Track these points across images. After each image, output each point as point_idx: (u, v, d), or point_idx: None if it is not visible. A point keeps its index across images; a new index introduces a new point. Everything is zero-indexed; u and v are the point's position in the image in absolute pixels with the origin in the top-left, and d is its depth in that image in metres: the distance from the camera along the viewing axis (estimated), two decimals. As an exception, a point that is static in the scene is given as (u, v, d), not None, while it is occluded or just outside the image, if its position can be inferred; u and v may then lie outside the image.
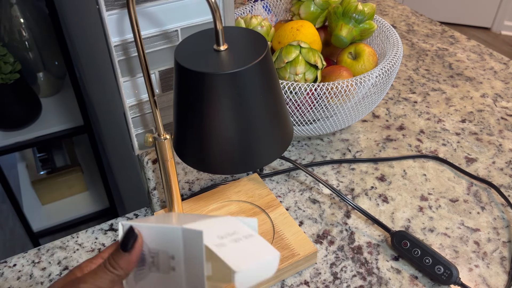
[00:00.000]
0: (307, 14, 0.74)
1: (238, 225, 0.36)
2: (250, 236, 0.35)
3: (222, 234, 0.33)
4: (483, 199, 0.67)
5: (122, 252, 0.31)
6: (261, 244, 0.34)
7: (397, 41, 0.72)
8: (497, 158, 0.74)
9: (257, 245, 0.34)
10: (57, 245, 0.61)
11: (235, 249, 0.32)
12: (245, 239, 0.34)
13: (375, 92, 0.67)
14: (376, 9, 0.72)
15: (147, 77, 0.46)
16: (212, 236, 0.32)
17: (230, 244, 0.32)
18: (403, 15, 1.19)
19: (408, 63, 0.99)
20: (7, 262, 0.59)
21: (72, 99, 1.14)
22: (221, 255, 0.30)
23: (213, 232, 0.33)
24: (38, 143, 1.07)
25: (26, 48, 1.08)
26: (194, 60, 0.40)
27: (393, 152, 0.75)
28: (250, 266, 0.30)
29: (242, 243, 0.33)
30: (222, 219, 0.36)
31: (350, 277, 0.56)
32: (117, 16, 0.48)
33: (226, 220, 0.36)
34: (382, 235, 0.61)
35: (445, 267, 0.54)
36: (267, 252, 0.33)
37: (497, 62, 0.99)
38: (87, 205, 1.30)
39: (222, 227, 0.34)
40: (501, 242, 0.60)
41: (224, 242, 0.32)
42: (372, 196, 0.67)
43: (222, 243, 0.32)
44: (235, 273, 0.29)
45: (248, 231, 0.36)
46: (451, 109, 0.85)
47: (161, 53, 0.53)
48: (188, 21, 0.53)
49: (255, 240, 0.34)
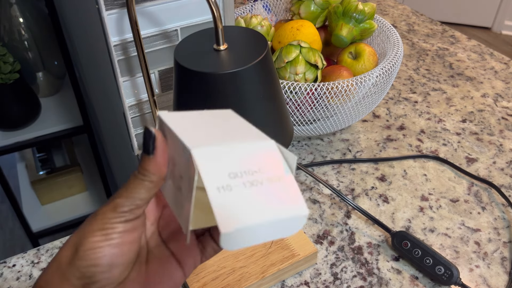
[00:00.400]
0: (307, 13, 0.74)
1: (268, 160, 0.27)
2: (277, 179, 0.27)
3: (238, 171, 0.26)
4: (483, 199, 0.66)
5: (147, 156, 0.27)
6: (285, 194, 0.26)
7: (398, 41, 0.71)
8: (498, 158, 0.74)
9: (279, 194, 0.26)
10: (56, 245, 0.61)
11: (241, 198, 0.25)
12: (267, 183, 0.26)
13: (375, 92, 0.67)
14: (376, 9, 0.71)
15: (147, 76, 0.46)
16: (220, 173, 0.25)
17: (239, 189, 0.25)
18: (403, 15, 1.19)
19: (409, 63, 0.98)
20: (6, 263, 0.58)
21: (71, 99, 1.13)
22: (213, 204, 0.24)
23: (227, 166, 0.26)
24: (37, 143, 1.07)
25: (26, 48, 1.08)
26: (194, 59, 0.40)
27: (394, 152, 0.75)
28: (245, 226, 0.24)
29: (259, 188, 0.26)
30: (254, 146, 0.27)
31: (351, 278, 0.56)
32: (116, 15, 0.48)
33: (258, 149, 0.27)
34: (383, 236, 0.61)
35: (446, 268, 0.54)
36: (288, 208, 0.25)
37: (497, 62, 0.99)
38: (87, 205, 1.30)
39: (245, 160, 0.26)
40: (501, 242, 0.60)
41: (233, 184, 0.25)
42: (372, 196, 0.67)
43: (229, 185, 0.25)
44: (220, 234, 0.24)
45: (278, 171, 0.27)
46: (451, 109, 0.85)
47: (161, 52, 0.53)
48: (188, 20, 0.53)
49: (280, 187, 0.26)
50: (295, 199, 0.26)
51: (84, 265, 0.26)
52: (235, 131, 0.29)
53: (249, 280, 0.52)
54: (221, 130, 0.29)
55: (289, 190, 0.26)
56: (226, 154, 0.26)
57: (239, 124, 0.31)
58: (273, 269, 0.53)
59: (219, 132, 0.29)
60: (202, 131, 0.28)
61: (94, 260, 0.26)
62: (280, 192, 0.26)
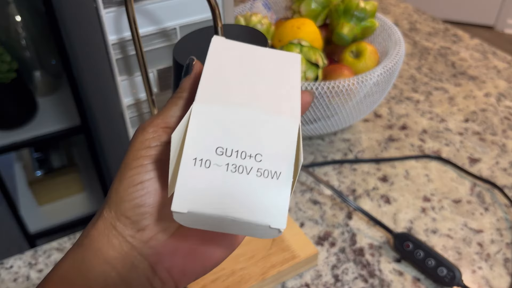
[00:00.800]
0: (308, 12, 0.73)
1: (276, 148, 0.22)
2: (270, 175, 0.21)
3: (231, 148, 0.21)
4: (486, 200, 0.66)
5: (184, 78, 0.27)
6: (268, 198, 0.21)
7: (399, 40, 0.71)
8: (501, 158, 0.73)
9: (261, 195, 0.21)
10: (54, 246, 0.60)
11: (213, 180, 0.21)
12: (255, 177, 0.21)
13: (377, 91, 0.66)
14: (378, 7, 0.71)
15: (145, 76, 0.45)
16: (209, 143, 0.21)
17: (217, 171, 0.21)
18: (405, 13, 1.18)
19: (411, 62, 0.98)
20: (3, 264, 0.58)
21: (69, 99, 1.13)
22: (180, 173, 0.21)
23: (222, 138, 0.22)
24: (34, 143, 1.06)
25: (23, 47, 1.07)
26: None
27: (395, 152, 0.74)
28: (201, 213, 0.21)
29: (242, 178, 0.21)
30: (271, 122, 0.22)
31: (352, 279, 0.55)
32: (114, 14, 0.47)
33: (274, 128, 0.22)
34: (384, 237, 0.60)
35: (448, 269, 0.53)
36: (262, 215, 0.21)
37: (500, 61, 0.98)
38: (84, 206, 1.29)
39: (249, 136, 0.22)
40: (504, 243, 0.60)
41: (215, 162, 0.21)
42: (374, 197, 0.66)
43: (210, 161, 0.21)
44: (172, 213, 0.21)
45: (278, 167, 0.22)
46: (454, 108, 0.84)
47: (160, 51, 0.52)
48: (187, 19, 0.52)
49: (269, 186, 0.21)
50: (278, 207, 0.21)
51: (128, 207, 0.24)
52: (269, 92, 0.24)
53: (249, 282, 0.51)
54: (256, 84, 0.25)
55: (277, 194, 0.21)
56: (230, 122, 0.22)
57: (284, 82, 0.25)
58: (273, 271, 0.53)
59: (251, 87, 0.24)
60: (232, 80, 0.24)
61: (137, 199, 0.24)
62: (264, 193, 0.21)
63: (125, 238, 0.24)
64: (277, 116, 0.23)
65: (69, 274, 0.24)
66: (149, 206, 0.24)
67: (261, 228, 0.21)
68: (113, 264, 0.24)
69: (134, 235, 0.24)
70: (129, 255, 0.24)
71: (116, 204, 0.24)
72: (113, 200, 0.24)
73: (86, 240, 0.24)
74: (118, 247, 0.24)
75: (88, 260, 0.24)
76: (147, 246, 0.24)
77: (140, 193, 0.24)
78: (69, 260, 0.24)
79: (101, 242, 0.24)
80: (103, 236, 0.24)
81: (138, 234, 0.24)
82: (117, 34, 0.49)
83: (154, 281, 0.25)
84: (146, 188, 0.24)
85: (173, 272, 0.25)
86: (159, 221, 0.24)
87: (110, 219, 0.24)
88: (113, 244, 0.24)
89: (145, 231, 0.24)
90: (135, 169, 0.24)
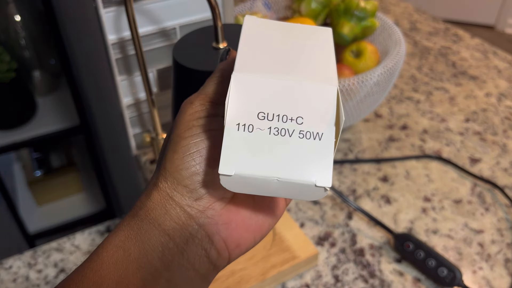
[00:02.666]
0: (308, 11, 0.73)
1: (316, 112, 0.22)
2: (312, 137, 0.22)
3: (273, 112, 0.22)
4: (487, 200, 0.66)
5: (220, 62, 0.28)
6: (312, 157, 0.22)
7: (400, 39, 0.71)
8: (501, 158, 0.73)
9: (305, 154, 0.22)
10: (53, 246, 0.60)
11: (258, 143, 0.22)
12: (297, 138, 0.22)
13: (377, 91, 0.66)
14: (378, 7, 0.70)
15: (145, 75, 0.45)
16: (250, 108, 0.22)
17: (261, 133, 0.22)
18: (405, 13, 1.18)
19: (411, 62, 0.98)
20: (2, 264, 0.58)
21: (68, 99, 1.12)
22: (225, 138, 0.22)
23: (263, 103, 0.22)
24: (34, 143, 1.06)
25: (22, 47, 1.07)
26: (192, 58, 0.39)
27: (396, 152, 0.74)
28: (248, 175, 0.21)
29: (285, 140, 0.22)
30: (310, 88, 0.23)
31: (352, 280, 0.55)
32: (114, 13, 0.47)
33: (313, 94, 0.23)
34: (385, 237, 0.60)
35: (449, 270, 0.53)
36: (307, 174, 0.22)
37: (501, 60, 0.98)
38: (84, 206, 1.28)
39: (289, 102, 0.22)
40: (505, 243, 0.59)
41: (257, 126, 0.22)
42: (374, 197, 0.66)
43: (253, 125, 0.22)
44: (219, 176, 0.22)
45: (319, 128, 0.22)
46: (454, 108, 0.84)
47: (159, 51, 0.52)
48: (187, 18, 0.52)
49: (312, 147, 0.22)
50: (322, 167, 0.22)
51: (186, 175, 0.23)
52: (305, 62, 0.25)
53: (249, 283, 0.51)
54: (292, 55, 0.25)
55: (320, 154, 0.22)
56: (270, 89, 0.22)
57: (318, 53, 0.26)
58: (273, 271, 0.53)
59: (287, 58, 0.25)
60: (268, 51, 0.25)
61: (195, 166, 0.23)
62: (307, 154, 0.22)
63: (183, 207, 0.24)
64: (316, 82, 0.23)
65: (125, 244, 0.23)
66: (206, 174, 0.24)
67: (307, 188, 0.22)
68: (171, 235, 0.24)
69: (192, 204, 0.24)
70: (187, 225, 0.24)
71: (172, 173, 0.24)
72: (168, 170, 0.24)
73: (142, 211, 0.24)
74: (176, 217, 0.24)
75: (144, 231, 0.23)
76: (205, 215, 0.24)
77: (197, 160, 0.24)
78: (124, 230, 0.24)
79: (158, 213, 0.24)
80: (160, 206, 0.24)
81: (195, 203, 0.24)
82: (117, 34, 0.49)
83: (211, 252, 0.25)
84: (202, 156, 0.24)
85: (228, 242, 0.25)
86: (216, 189, 0.24)
87: (166, 189, 0.24)
88: (171, 214, 0.24)
89: (202, 200, 0.24)
90: (189, 137, 0.24)
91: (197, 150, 0.24)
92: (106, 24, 0.47)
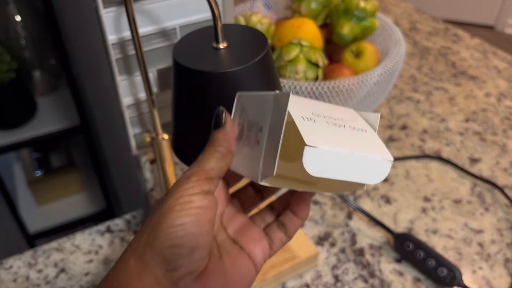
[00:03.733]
0: (308, 11, 0.73)
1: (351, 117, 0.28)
2: (360, 130, 0.26)
3: (322, 114, 0.26)
4: (486, 200, 0.66)
5: (217, 129, 0.30)
6: (371, 142, 0.26)
7: (400, 39, 0.71)
8: (501, 158, 0.73)
9: (362, 139, 0.26)
10: (53, 246, 0.60)
11: (325, 129, 0.25)
12: (350, 129, 0.26)
13: (377, 91, 0.66)
14: (378, 7, 0.71)
15: (145, 76, 0.45)
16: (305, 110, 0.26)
17: (323, 123, 0.25)
18: (405, 13, 1.18)
19: (411, 62, 0.98)
20: (3, 264, 0.58)
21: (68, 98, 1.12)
22: (299, 124, 0.24)
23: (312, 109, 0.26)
24: (34, 143, 1.06)
25: (22, 47, 1.07)
26: (192, 58, 0.39)
27: (396, 152, 0.74)
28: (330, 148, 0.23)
29: (342, 129, 0.26)
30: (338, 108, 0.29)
31: (352, 280, 0.55)
32: (114, 13, 0.47)
33: (341, 110, 0.29)
34: (385, 237, 0.60)
35: (448, 269, 0.53)
36: (374, 151, 0.25)
37: (501, 61, 0.98)
38: (84, 206, 1.29)
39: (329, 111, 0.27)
40: (505, 243, 0.59)
41: (317, 119, 0.25)
42: (374, 197, 0.66)
43: (313, 118, 0.25)
44: (305, 148, 0.23)
45: (361, 125, 0.27)
46: (454, 108, 0.84)
47: (159, 51, 0.52)
48: (187, 18, 0.52)
49: (363, 135, 0.26)
50: (379, 146, 0.26)
51: (166, 245, 0.25)
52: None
53: (249, 283, 0.51)
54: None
55: (373, 139, 0.26)
56: (311, 104, 0.27)
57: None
58: (273, 271, 0.53)
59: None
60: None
61: (176, 239, 0.25)
62: (363, 139, 0.26)
63: (157, 276, 0.25)
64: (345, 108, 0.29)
65: None
66: (184, 248, 0.26)
67: (375, 163, 0.25)
68: None
69: (165, 274, 0.25)
70: None
71: (153, 242, 0.26)
72: (150, 238, 0.26)
73: (114, 273, 0.26)
74: (148, 285, 0.25)
75: None
76: (177, 286, 0.26)
77: (179, 234, 0.25)
78: None
79: (132, 278, 0.25)
80: (134, 271, 0.25)
81: (169, 273, 0.25)
82: (117, 34, 0.49)
83: None
84: (185, 230, 0.26)
85: None
86: (190, 263, 0.26)
87: (143, 256, 0.26)
88: (143, 281, 0.25)
89: (176, 272, 0.26)
90: (177, 212, 0.26)
91: (182, 224, 0.26)
92: (106, 24, 0.47)
